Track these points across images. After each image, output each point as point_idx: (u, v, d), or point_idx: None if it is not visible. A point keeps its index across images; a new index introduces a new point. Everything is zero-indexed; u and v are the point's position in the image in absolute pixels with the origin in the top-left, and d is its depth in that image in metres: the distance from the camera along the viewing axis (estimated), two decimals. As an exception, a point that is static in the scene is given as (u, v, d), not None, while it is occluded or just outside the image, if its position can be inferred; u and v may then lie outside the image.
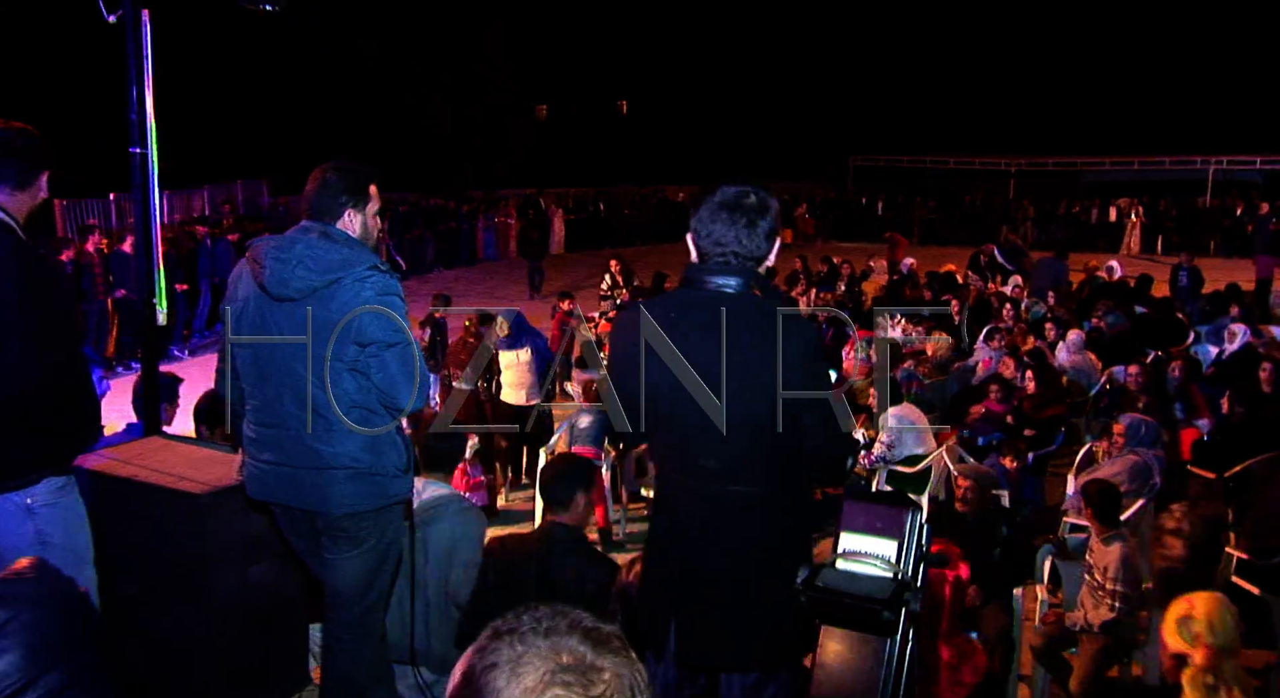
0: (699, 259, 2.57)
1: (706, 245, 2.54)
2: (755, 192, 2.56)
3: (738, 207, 2.52)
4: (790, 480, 2.57)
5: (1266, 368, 8.32)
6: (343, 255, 3.05)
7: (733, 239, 2.52)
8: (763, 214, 2.54)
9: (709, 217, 2.53)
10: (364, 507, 3.14)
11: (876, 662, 1.79)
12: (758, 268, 2.56)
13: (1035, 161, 32.14)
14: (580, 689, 1.11)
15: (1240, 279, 15.63)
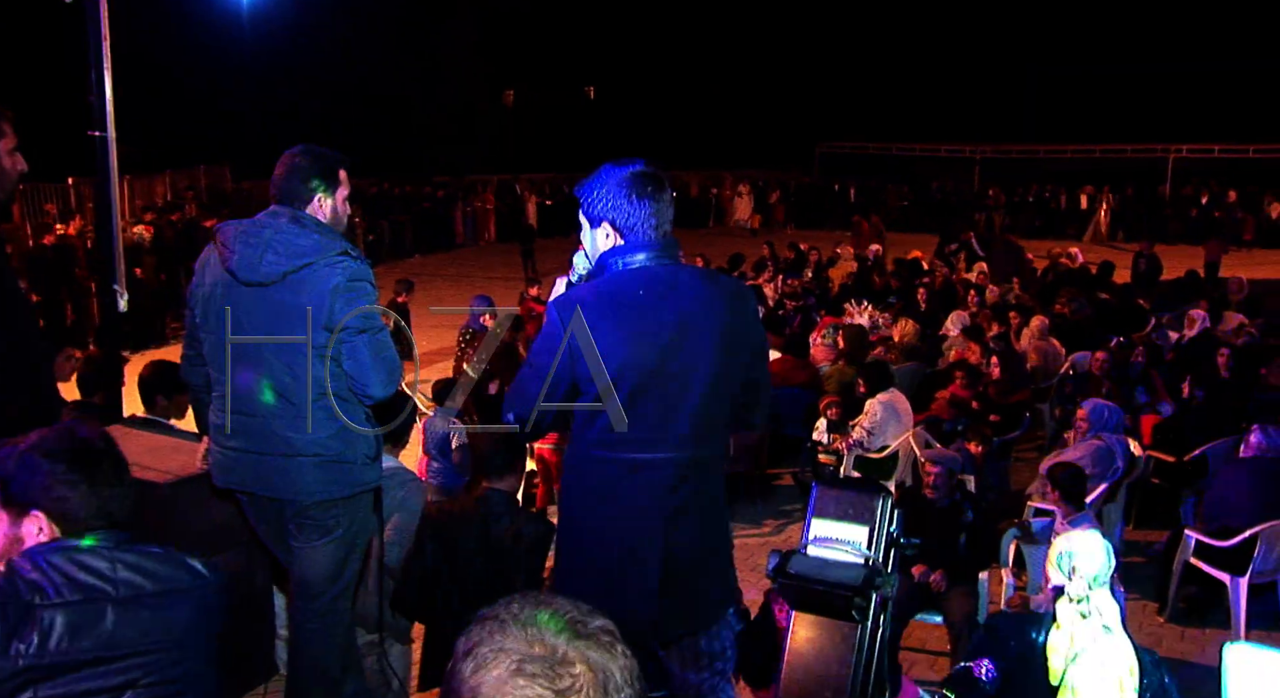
0: (630, 238, 2.59)
1: (639, 227, 2.58)
2: (656, 171, 2.66)
3: (657, 182, 2.63)
4: (726, 441, 2.76)
5: (1224, 353, 8.46)
6: (313, 241, 3.01)
7: (665, 213, 2.62)
8: (669, 188, 2.69)
9: (637, 201, 2.58)
10: (333, 495, 3.12)
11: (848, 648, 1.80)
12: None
13: (999, 149, 32.40)
14: (545, 682, 1.09)
15: (1199, 266, 15.91)
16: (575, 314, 2.55)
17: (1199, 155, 28.94)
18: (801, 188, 31.41)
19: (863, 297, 11.78)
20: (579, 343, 2.49)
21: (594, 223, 2.64)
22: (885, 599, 1.71)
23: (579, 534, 2.69)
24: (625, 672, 1.15)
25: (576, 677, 1.11)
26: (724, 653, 2.72)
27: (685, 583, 2.58)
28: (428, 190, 24.80)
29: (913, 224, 27.13)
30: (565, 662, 1.11)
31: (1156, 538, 6.68)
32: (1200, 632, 5.65)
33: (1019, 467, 8.16)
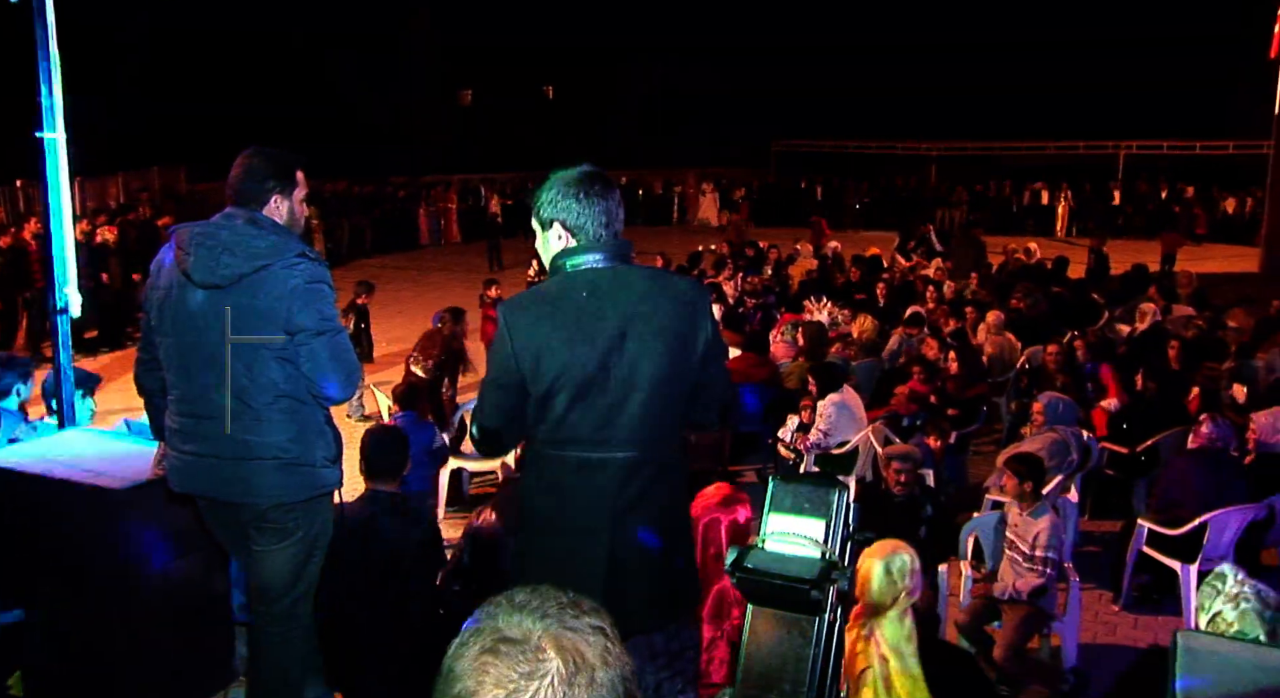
0: (577, 240, 2.61)
1: (590, 226, 2.60)
2: (601, 171, 2.69)
3: (605, 182, 2.65)
4: (683, 441, 2.76)
5: (1174, 346, 8.62)
6: (270, 242, 2.99)
7: (614, 212, 2.64)
8: (617, 188, 2.70)
9: (585, 201, 2.60)
10: (292, 498, 3.09)
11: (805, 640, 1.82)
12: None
13: (954, 146, 32.76)
14: (509, 663, 1.12)
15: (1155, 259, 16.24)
16: (516, 317, 2.59)
17: (1148, 152, 29.49)
18: (765, 186, 31.55)
19: (822, 294, 11.85)
20: (519, 346, 2.52)
21: (545, 226, 2.66)
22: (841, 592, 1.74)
23: (532, 528, 2.73)
24: (603, 667, 1.16)
25: (544, 663, 1.13)
26: (684, 653, 2.73)
27: (636, 582, 2.59)
28: (389, 191, 24.63)
29: (872, 222, 27.35)
30: (538, 648, 1.13)
31: (1111, 528, 6.79)
32: (1153, 619, 5.76)
33: (976, 460, 8.26)
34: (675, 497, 2.73)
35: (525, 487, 2.74)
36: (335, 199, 22.11)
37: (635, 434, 2.58)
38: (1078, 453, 6.82)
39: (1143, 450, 7.17)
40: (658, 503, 2.64)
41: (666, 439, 2.67)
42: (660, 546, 2.64)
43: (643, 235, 22.10)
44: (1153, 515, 6.05)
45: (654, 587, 2.63)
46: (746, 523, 4.35)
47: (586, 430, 2.58)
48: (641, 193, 28.91)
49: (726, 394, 2.78)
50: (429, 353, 7.74)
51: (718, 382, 2.72)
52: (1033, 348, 9.69)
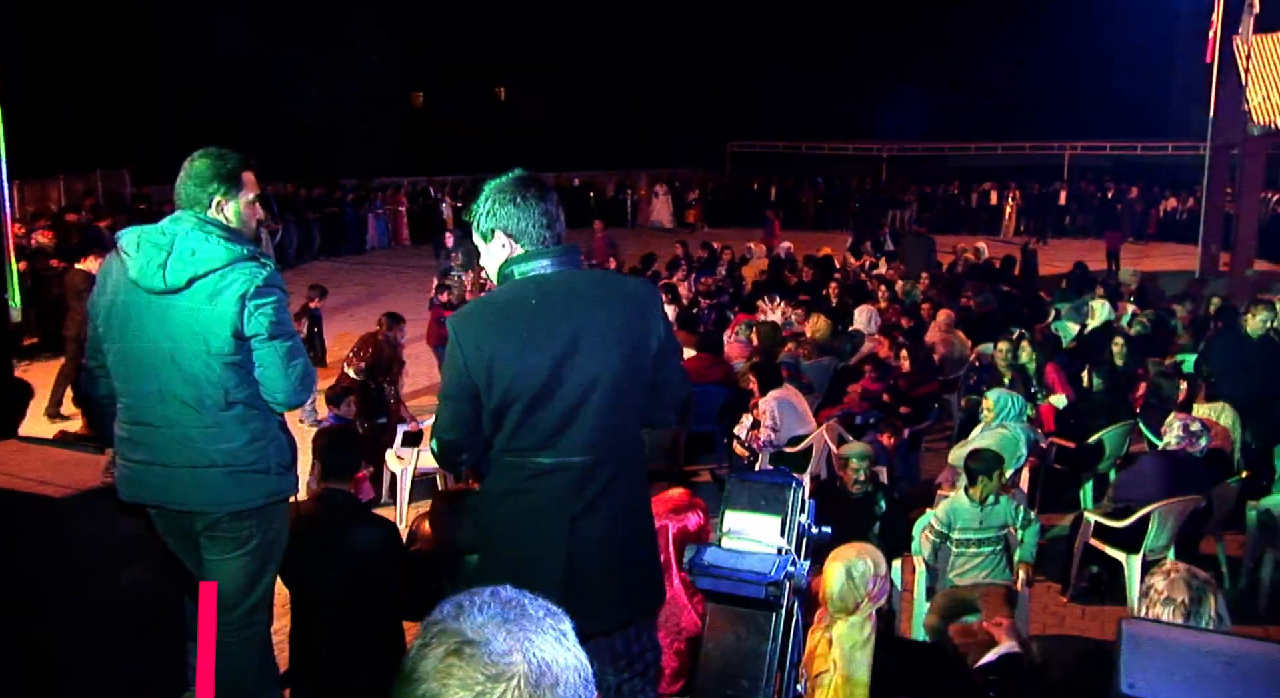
0: (523, 247, 2.61)
1: (532, 230, 2.59)
2: (535, 176, 2.69)
3: (540, 185, 2.65)
4: (642, 442, 2.74)
5: (1119, 343, 8.80)
6: (219, 247, 2.95)
7: (554, 219, 2.63)
8: (553, 192, 2.69)
9: (523, 206, 2.59)
10: (246, 505, 3.05)
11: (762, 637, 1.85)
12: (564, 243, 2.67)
13: (905, 147, 33.23)
14: (476, 666, 1.12)
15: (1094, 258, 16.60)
16: (466, 329, 2.58)
17: (1092, 153, 30.12)
18: (719, 187, 31.71)
19: (775, 294, 11.93)
20: (470, 357, 2.51)
21: (487, 237, 2.65)
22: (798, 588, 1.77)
23: (491, 532, 2.72)
24: (567, 669, 1.17)
25: (510, 665, 1.13)
26: (643, 655, 2.73)
27: (595, 584, 2.58)
28: (338, 194, 24.39)
29: (826, 222, 27.60)
30: (502, 651, 1.13)
31: (1059, 521, 6.91)
32: (1100, 609, 5.88)
33: (928, 457, 8.37)
34: (634, 498, 2.72)
35: (485, 492, 2.73)
36: (281, 201, 21.85)
37: (591, 438, 2.57)
38: (1027, 448, 6.93)
39: (1089, 445, 7.31)
40: (616, 505, 2.63)
41: (624, 441, 2.66)
42: (620, 547, 2.64)
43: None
44: (1102, 509, 6.17)
45: (613, 588, 2.63)
46: (698, 530, 4.38)
47: (542, 437, 2.58)
48: (593, 194, 28.91)
49: (683, 392, 2.78)
50: (361, 355, 7.70)
51: (673, 380, 2.72)
52: (982, 345, 9.84)
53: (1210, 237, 18.52)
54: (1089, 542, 6.01)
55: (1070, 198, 27.49)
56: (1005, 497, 5.42)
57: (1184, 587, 2.70)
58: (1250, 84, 15.43)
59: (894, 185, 30.25)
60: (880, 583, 3.27)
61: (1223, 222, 17.72)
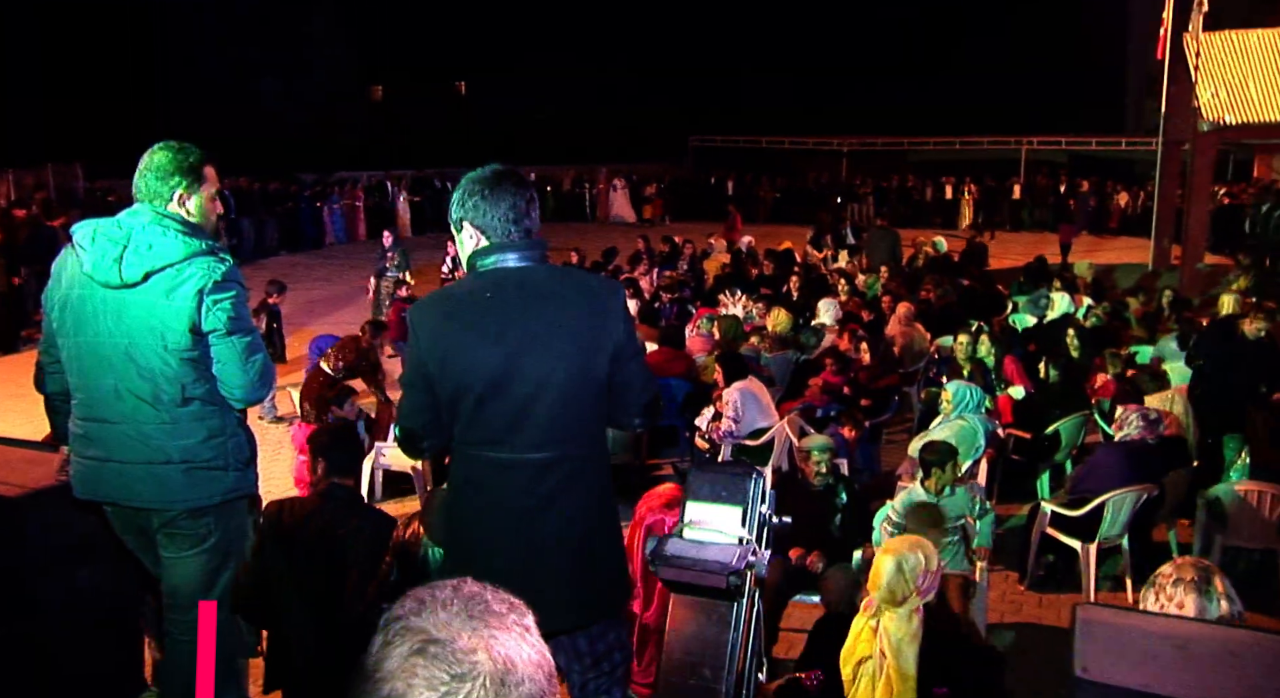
0: (489, 240, 2.61)
1: (497, 225, 2.59)
2: (512, 170, 2.67)
3: (514, 179, 2.63)
4: (603, 440, 2.72)
5: (1073, 335, 8.93)
6: (177, 241, 2.92)
7: (523, 214, 2.61)
8: (529, 188, 2.68)
9: (491, 199, 2.59)
10: (204, 502, 3.02)
11: (724, 626, 1.86)
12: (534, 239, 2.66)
13: (865, 141, 33.47)
14: (443, 665, 1.11)
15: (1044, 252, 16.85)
16: (423, 318, 2.60)
17: (1048, 147, 30.54)
18: (677, 182, 31.75)
19: (737, 288, 11.98)
20: (426, 347, 2.52)
21: (458, 227, 2.66)
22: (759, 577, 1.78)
23: (453, 524, 2.74)
24: (530, 666, 1.16)
25: (475, 664, 1.12)
26: (610, 654, 2.71)
27: (553, 583, 2.57)
28: (295, 189, 24.13)
29: (785, 216, 27.73)
30: (467, 649, 1.13)
31: (1017, 511, 7.01)
32: (1056, 597, 5.97)
33: (889, 449, 8.45)
34: (594, 497, 2.68)
35: (450, 482, 2.74)
36: (238, 196, 21.61)
37: (546, 435, 2.56)
38: (985, 439, 7.03)
39: (1046, 436, 7.42)
40: (574, 505, 2.61)
41: (581, 439, 2.63)
42: (578, 547, 2.61)
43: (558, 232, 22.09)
44: (1059, 498, 6.27)
45: (573, 588, 2.60)
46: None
47: (497, 431, 2.58)
48: (550, 189, 28.84)
49: (646, 396, 2.73)
50: (344, 356, 7.64)
51: (634, 384, 2.67)
52: (942, 338, 9.94)
53: (1162, 231, 18.87)
54: (1046, 531, 6.11)
55: (1024, 192, 27.86)
56: (961, 488, 5.49)
57: (1191, 568, 2.74)
58: (1200, 81, 15.71)
59: (851, 180, 30.50)
60: (930, 579, 3.26)
61: (1174, 216, 18.04)
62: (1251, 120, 15.47)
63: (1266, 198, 18.38)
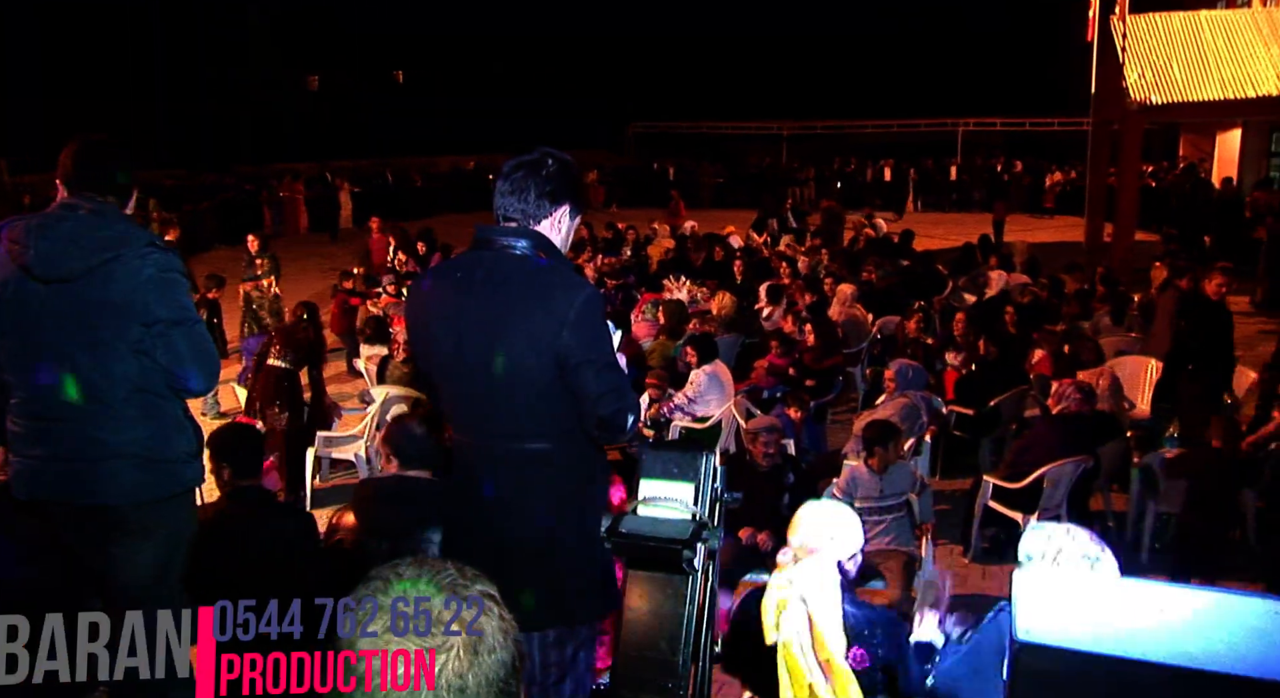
0: (498, 220, 2.62)
1: (498, 209, 2.60)
2: (533, 157, 2.61)
3: (514, 172, 2.59)
4: (576, 438, 2.60)
5: (1010, 311, 9.13)
6: (118, 232, 2.87)
7: (512, 203, 2.57)
8: (535, 177, 2.57)
9: (500, 181, 2.60)
10: (153, 496, 2.99)
11: (680, 600, 1.91)
12: (540, 229, 2.58)
13: (805, 125, 33.74)
14: (417, 638, 1.14)
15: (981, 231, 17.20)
16: (412, 290, 2.68)
17: (984, 129, 31.05)
18: (620, 169, 31.73)
19: (681, 272, 12.04)
20: (409, 317, 2.55)
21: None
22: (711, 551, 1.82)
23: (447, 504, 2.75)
24: (500, 633, 1.19)
25: (450, 637, 1.15)
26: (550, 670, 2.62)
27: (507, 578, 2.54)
28: (231, 182, 23.71)
29: (727, 201, 27.87)
30: (438, 621, 1.16)
31: (961, 486, 7.16)
32: (999, 568, 6.12)
33: (835, 429, 8.57)
34: (557, 497, 2.59)
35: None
36: (177, 189, 21.20)
37: (497, 426, 2.55)
38: (928, 415, 7.17)
39: (986, 411, 7.59)
40: (535, 502, 2.58)
41: (542, 435, 2.56)
42: (538, 546, 2.56)
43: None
44: (1000, 472, 6.42)
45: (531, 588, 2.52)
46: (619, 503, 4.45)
47: (462, 416, 2.60)
48: (492, 178, 28.63)
49: (602, 408, 2.52)
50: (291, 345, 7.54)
51: (587, 393, 2.51)
52: (884, 318, 10.09)
53: (1095, 209, 19.29)
54: (988, 504, 6.26)
55: (962, 172, 28.32)
56: (904, 464, 5.61)
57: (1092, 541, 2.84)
58: (1127, 62, 16.06)
59: (792, 164, 30.75)
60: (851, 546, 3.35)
61: (1105, 194, 18.44)
62: (1176, 100, 15.87)
63: (1189, 179, 18.93)
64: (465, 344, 2.51)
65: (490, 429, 2.58)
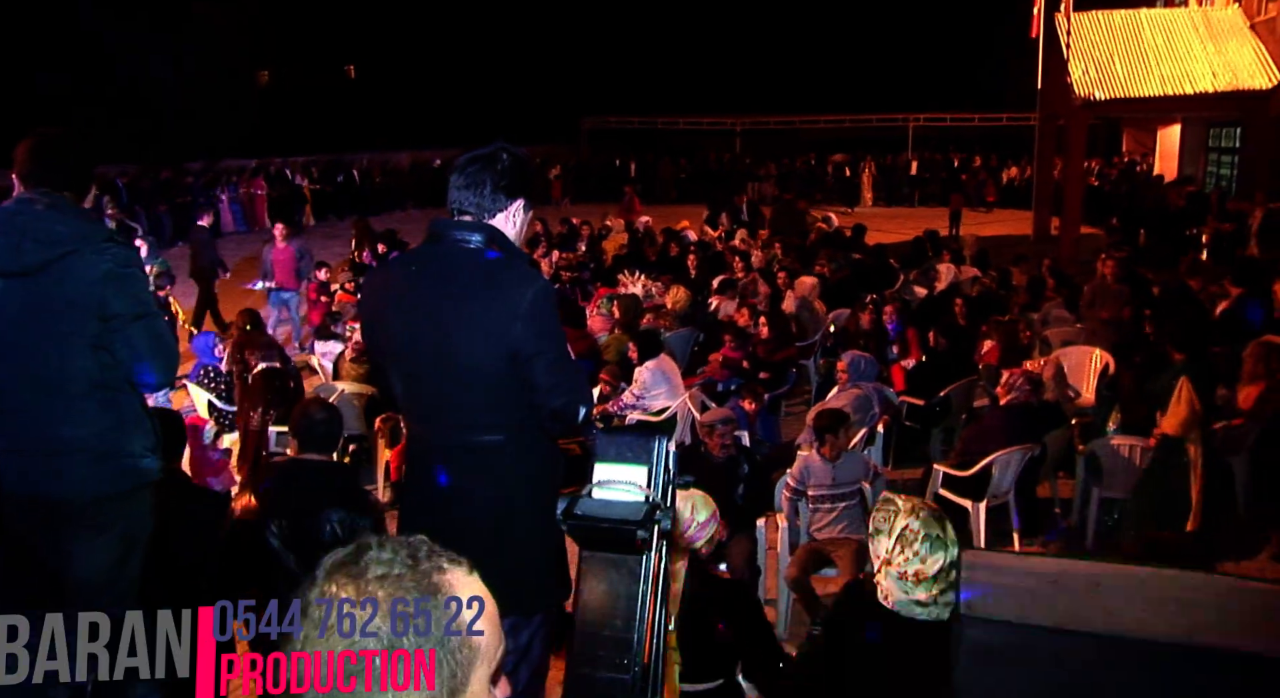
0: (452, 213, 2.65)
1: (454, 198, 2.62)
2: (488, 151, 2.62)
3: (469, 165, 2.61)
4: (530, 430, 2.62)
5: (959, 303, 9.29)
6: (75, 226, 2.87)
7: (466, 197, 2.60)
8: (490, 171, 2.59)
9: (453, 175, 2.62)
10: (110, 490, 2.99)
11: (634, 579, 1.96)
12: (494, 223, 2.60)
13: (758, 120, 33.97)
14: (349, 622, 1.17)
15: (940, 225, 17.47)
16: (366, 283, 2.78)
17: (934, 124, 31.46)
18: (582, 164, 31.73)
19: (636, 267, 12.10)
20: (363, 309, 2.58)
21: None
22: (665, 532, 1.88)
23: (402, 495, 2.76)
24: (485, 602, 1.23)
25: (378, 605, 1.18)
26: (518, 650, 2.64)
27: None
28: (189, 181, 23.40)
29: (687, 196, 27.98)
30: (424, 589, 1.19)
31: (913, 475, 7.29)
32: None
33: (789, 420, 8.68)
34: (508, 488, 2.62)
35: None
36: (131, 189, 20.91)
37: (452, 419, 2.58)
38: (880, 406, 7.29)
39: (937, 401, 7.73)
40: (484, 493, 2.61)
41: (493, 427, 2.58)
42: (485, 538, 2.56)
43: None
44: (951, 461, 6.55)
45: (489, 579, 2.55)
46: None
47: (416, 408, 2.64)
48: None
49: (553, 400, 2.55)
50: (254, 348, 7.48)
51: (538, 386, 2.53)
52: (837, 311, 10.23)
53: (1042, 203, 19.66)
54: (939, 492, 6.38)
55: (923, 168, 28.72)
56: (855, 453, 5.71)
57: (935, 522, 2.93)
58: (1071, 58, 16.40)
59: (747, 158, 30.94)
60: (696, 529, 3.46)
61: (1052, 188, 18.80)
62: (1118, 96, 16.23)
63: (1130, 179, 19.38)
64: (419, 337, 2.53)
65: (444, 421, 2.61)
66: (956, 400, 7.81)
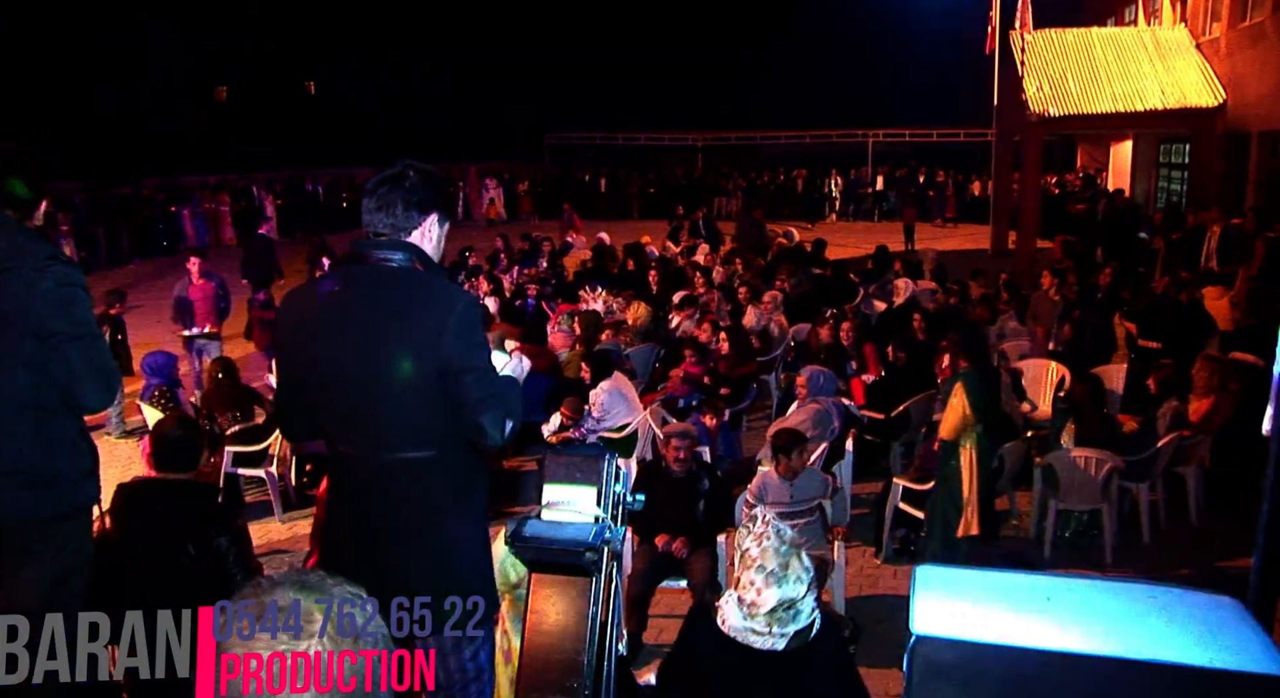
0: (369, 234, 2.64)
1: (370, 219, 2.63)
2: (394, 170, 2.64)
3: (379, 187, 2.62)
4: (458, 444, 2.61)
5: (917, 318, 9.36)
6: (15, 243, 2.81)
7: (380, 219, 2.61)
8: (399, 190, 2.61)
9: (368, 195, 2.63)
10: (43, 513, 2.90)
11: (585, 600, 1.94)
12: (410, 241, 2.62)
13: (719, 136, 34.16)
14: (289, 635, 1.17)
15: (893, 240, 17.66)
16: (286, 302, 2.65)
17: (893, 140, 31.81)
18: (550, 180, 31.72)
19: (596, 282, 12.09)
20: (280, 333, 2.55)
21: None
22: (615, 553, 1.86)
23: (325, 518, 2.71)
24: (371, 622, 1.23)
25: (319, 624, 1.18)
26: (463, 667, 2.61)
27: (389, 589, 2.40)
28: (147, 194, 23.15)
29: (653, 211, 28.02)
30: (308, 615, 1.19)
31: (873, 489, 7.31)
32: (910, 568, 6.25)
33: (750, 435, 8.68)
34: (442, 502, 2.60)
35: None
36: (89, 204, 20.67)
37: (381, 436, 2.56)
38: (839, 421, 7.31)
39: (896, 415, 7.77)
40: (412, 511, 2.58)
41: (421, 444, 2.57)
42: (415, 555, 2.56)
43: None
44: (908, 474, 6.58)
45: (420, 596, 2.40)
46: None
47: (336, 427, 2.61)
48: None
49: (481, 415, 2.52)
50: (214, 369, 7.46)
51: (466, 400, 2.51)
52: (798, 325, 10.26)
53: (1000, 217, 19.90)
54: (899, 506, 6.41)
55: (888, 184, 29.02)
56: (813, 470, 5.71)
57: (774, 555, 2.87)
58: (1026, 75, 16.64)
59: (709, 174, 31.10)
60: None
61: (1010, 203, 19.04)
62: (1072, 112, 16.49)
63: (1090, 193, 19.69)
64: (343, 356, 2.52)
65: (370, 440, 2.58)
66: (916, 414, 7.85)
